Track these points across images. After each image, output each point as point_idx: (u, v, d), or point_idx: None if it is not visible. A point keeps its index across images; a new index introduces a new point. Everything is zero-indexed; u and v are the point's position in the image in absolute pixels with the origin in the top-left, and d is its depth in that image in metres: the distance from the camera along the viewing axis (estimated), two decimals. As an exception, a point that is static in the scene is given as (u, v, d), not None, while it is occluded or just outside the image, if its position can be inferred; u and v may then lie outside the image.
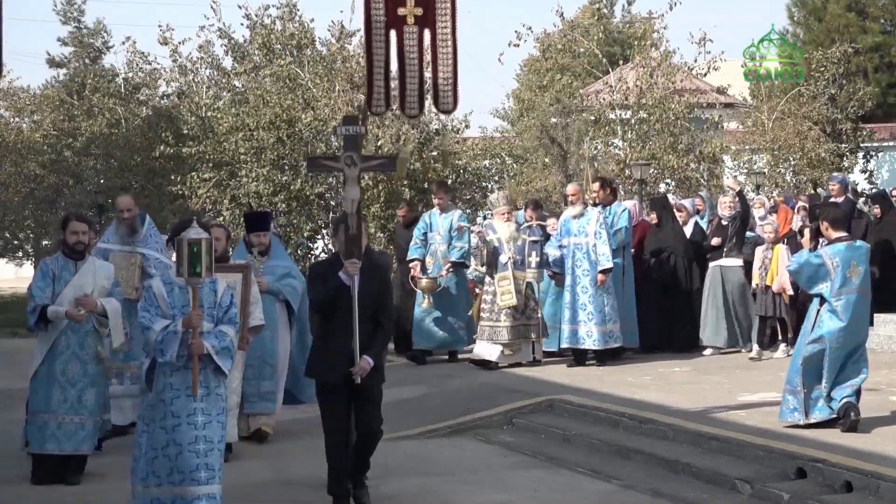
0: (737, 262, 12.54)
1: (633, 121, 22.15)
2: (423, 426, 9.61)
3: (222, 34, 23.97)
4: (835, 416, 8.02)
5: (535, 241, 12.11)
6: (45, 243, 28.36)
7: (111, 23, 55.59)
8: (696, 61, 22.88)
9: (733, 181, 13.95)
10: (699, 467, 7.57)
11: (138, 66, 27.69)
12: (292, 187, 19.30)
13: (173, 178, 21.32)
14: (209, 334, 6.31)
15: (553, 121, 22.89)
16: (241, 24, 23.30)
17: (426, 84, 7.39)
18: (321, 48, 21.73)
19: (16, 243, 30.54)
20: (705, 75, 23.03)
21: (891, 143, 28.52)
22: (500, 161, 23.44)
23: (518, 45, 22.93)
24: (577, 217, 11.94)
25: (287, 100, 19.66)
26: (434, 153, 19.80)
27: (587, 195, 12.93)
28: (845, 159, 25.65)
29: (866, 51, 31.44)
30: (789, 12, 35.34)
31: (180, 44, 25.07)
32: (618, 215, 12.55)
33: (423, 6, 7.17)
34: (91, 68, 31.57)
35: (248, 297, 8.08)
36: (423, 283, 12.52)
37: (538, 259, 12.06)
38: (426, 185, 18.40)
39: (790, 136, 24.00)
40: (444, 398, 10.64)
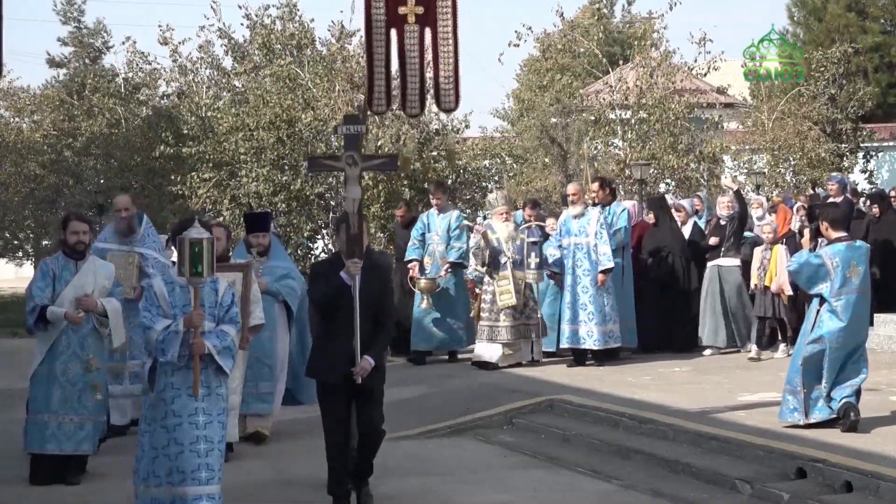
0: (734, 262, 12.53)
1: (633, 121, 22.15)
2: (423, 426, 9.60)
3: (222, 34, 24.00)
4: (835, 416, 8.02)
5: (534, 243, 12.10)
6: (45, 243, 28.35)
7: (111, 23, 55.72)
8: (696, 61, 22.92)
9: (731, 180, 13.95)
10: (699, 467, 7.57)
11: (138, 66, 27.71)
12: (292, 187, 19.31)
13: (173, 178, 21.32)
14: (210, 334, 6.30)
15: (553, 121, 22.89)
16: (241, 24, 23.37)
17: (427, 83, 7.37)
18: (321, 48, 21.77)
19: (16, 243, 30.52)
20: (705, 75, 23.03)
21: (891, 143, 28.52)
22: (500, 161, 23.44)
23: (518, 45, 22.96)
24: (578, 217, 11.94)
25: (287, 100, 19.68)
26: (434, 153, 19.80)
27: (587, 195, 12.93)
28: (845, 159, 25.66)
29: (866, 51, 31.44)
30: (789, 12, 35.38)
31: (180, 44, 25.13)
32: (617, 215, 12.55)
33: (424, 5, 7.13)
34: (91, 68, 31.56)
35: (248, 296, 8.06)
36: (422, 284, 12.52)
37: (538, 260, 12.06)
38: (426, 185, 18.40)
39: (790, 136, 24.00)
40: (444, 398, 10.64)
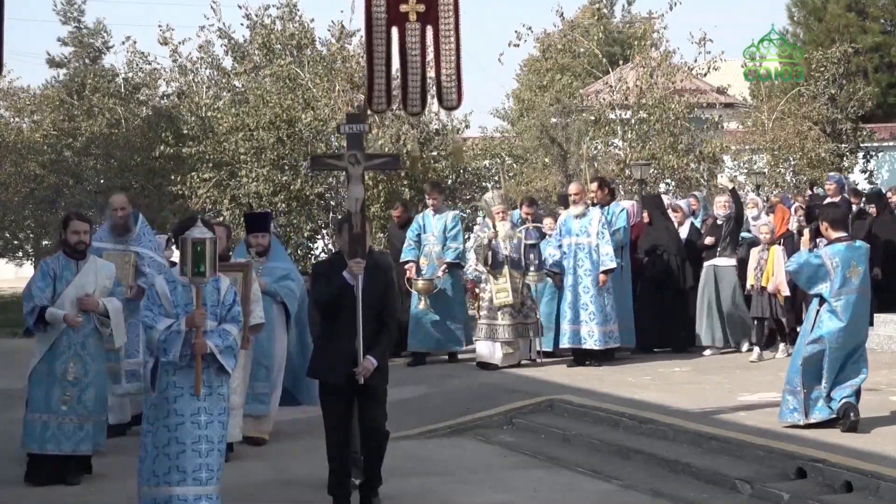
0: (730, 262, 12.54)
1: (633, 121, 22.13)
2: (423, 426, 9.61)
3: (222, 34, 23.97)
4: (834, 417, 8.03)
5: (532, 245, 12.08)
6: (45, 243, 28.30)
7: (111, 23, 55.60)
8: (696, 61, 22.87)
9: (727, 180, 13.95)
10: (699, 467, 7.57)
11: (138, 66, 27.63)
12: (292, 187, 19.30)
13: (173, 178, 21.29)
14: (212, 333, 6.29)
15: (553, 121, 22.86)
16: (241, 24, 23.33)
17: (428, 81, 7.35)
18: (321, 48, 21.75)
19: (16, 243, 30.46)
20: (705, 75, 23.01)
21: (891, 143, 28.50)
22: (500, 161, 23.42)
23: (518, 45, 22.92)
24: (580, 217, 11.94)
25: (287, 100, 19.67)
26: (434, 153, 19.80)
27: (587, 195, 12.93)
28: (845, 159, 25.64)
29: (866, 51, 31.40)
30: (789, 12, 35.33)
31: (180, 44, 25.06)
32: (616, 215, 12.56)
33: (426, 3, 7.08)
34: (91, 68, 31.49)
35: (248, 295, 8.06)
36: (420, 285, 12.51)
37: (537, 262, 12.04)
38: (425, 186, 18.38)
39: (790, 136, 23.98)
40: (444, 398, 10.64)
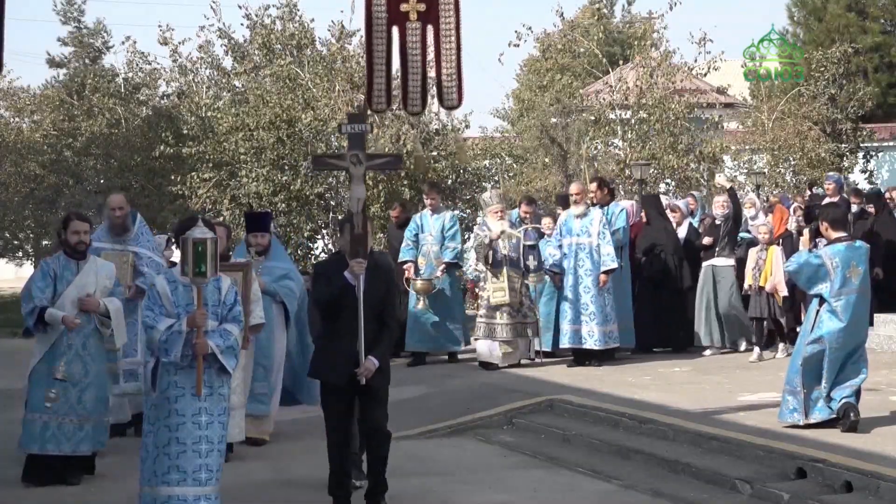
0: (729, 262, 12.54)
1: (633, 121, 22.12)
2: (423, 426, 9.61)
3: (222, 34, 23.96)
4: (834, 417, 8.02)
5: (531, 246, 12.07)
6: (45, 243, 28.29)
7: (111, 23, 55.60)
8: (696, 61, 22.85)
9: (724, 179, 13.94)
10: (699, 467, 7.57)
11: (138, 66, 27.64)
12: (292, 187, 19.29)
13: (173, 178, 21.29)
14: (213, 333, 6.28)
15: (553, 121, 22.84)
16: (241, 24, 23.33)
17: (429, 81, 7.33)
18: (321, 48, 21.74)
19: (16, 243, 30.47)
20: (705, 75, 22.99)
21: (891, 143, 28.48)
22: (499, 161, 23.42)
23: (518, 45, 22.89)
24: (581, 216, 11.94)
25: (287, 100, 19.66)
26: (434, 153, 19.79)
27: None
28: (845, 159, 25.62)
29: (866, 51, 31.37)
30: (789, 12, 35.29)
31: (180, 44, 25.06)
32: (615, 216, 12.56)
33: (426, 2, 7.06)
34: (91, 68, 31.49)
35: (248, 295, 8.06)
36: (419, 285, 12.51)
37: (536, 263, 12.03)
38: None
39: (790, 136, 23.96)
40: (444, 398, 10.64)
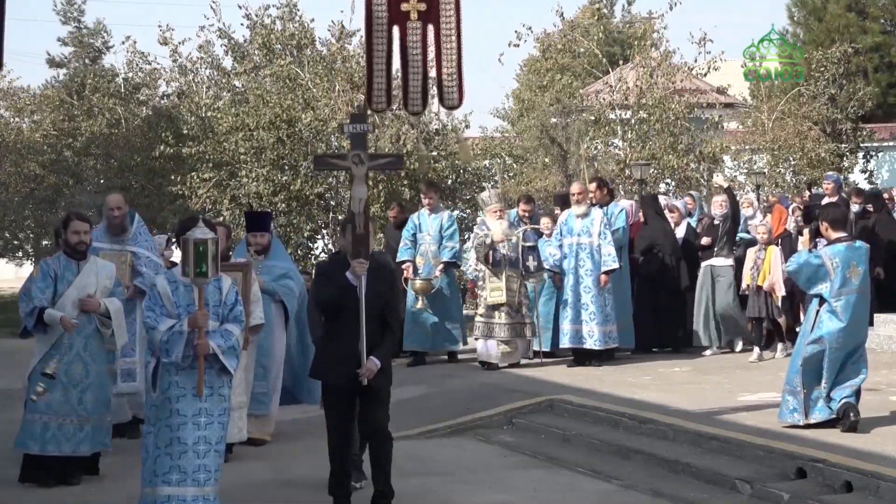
0: (727, 262, 12.54)
1: (633, 121, 22.12)
2: (423, 426, 9.61)
3: (222, 34, 23.96)
4: (834, 417, 8.02)
5: (531, 247, 12.06)
6: (45, 243, 28.27)
7: (111, 23, 55.69)
8: (696, 61, 22.87)
9: (722, 179, 13.93)
10: (699, 467, 7.57)
11: (138, 66, 27.65)
12: (292, 187, 19.29)
13: (173, 178, 21.29)
14: (215, 333, 6.28)
15: (553, 121, 22.84)
16: (241, 24, 23.32)
17: (429, 80, 7.32)
18: (321, 48, 21.74)
19: (16, 243, 30.45)
20: (705, 75, 23.00)
21: (891, 143, 28.49)
22: (499, 161, 23.42)
23: (518, 45, 22.90)
24: (582, 216, 11.93)
25: (287, 100, 19.66)
26: (434, 153, 19.80)
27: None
28: (845, 159, 25.63)
29: (866, 51, 31.38)
30: (789, 12, 35.30)
31: (180, 44, 25.06)
32: (615, 216, 12.56)
33: (427, 2, 7.05)
34: (91, 68, 31.48)
35: (248, 295, 8.06)
36: (418, 285, 12.50)
37: (536, 263, 12.03)
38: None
39: (790, 136, 23.97)
40: (444, 398, 10.64)
